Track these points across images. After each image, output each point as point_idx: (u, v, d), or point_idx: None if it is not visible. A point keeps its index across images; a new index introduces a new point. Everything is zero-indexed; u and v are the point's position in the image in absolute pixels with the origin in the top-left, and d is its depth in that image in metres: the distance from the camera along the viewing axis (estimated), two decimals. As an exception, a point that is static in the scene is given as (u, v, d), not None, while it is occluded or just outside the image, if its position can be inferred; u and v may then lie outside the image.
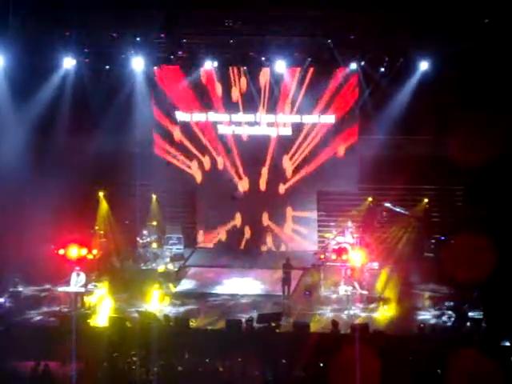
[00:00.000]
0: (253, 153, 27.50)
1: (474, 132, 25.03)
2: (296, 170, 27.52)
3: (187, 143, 27.74)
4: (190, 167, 27.91)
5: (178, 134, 27.70)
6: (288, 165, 27.53)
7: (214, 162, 27.77)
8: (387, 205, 26.28)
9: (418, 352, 18.80)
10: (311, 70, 26.42)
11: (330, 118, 26.98)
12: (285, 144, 27.46)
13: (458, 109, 24.85)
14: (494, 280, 21.78)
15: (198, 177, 27.97)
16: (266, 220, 27.87)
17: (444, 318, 21.42)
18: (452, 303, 21.82)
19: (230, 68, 26.81)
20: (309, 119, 27.13)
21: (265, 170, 27.61)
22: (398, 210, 26.17)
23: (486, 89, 24.23)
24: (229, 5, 24.35)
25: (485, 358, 17.45)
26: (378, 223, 26.39)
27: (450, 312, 21.51)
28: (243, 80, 27.01)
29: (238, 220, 27.87)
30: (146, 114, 27.22)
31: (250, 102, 27.21)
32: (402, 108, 25.21)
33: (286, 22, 24.30)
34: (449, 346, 18.77)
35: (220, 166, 27.72)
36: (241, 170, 27.72)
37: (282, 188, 27.71)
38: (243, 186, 27.76)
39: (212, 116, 27.52)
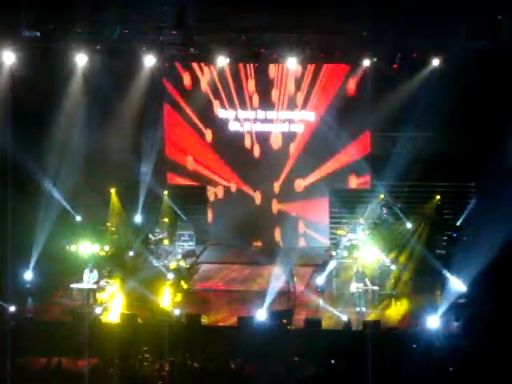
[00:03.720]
0: (264, 148, 27.53)
1: (486, 129, 25.04)
2: (309, 168, 27.50)
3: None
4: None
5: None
6: (301, 161, 27.53)
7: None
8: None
9: (430, 349, 18.82)
10: (323, 66, 26.44)
11: (341, 114, 26.94)
12: (296, 141, 27.45)
13: (471, 106, 24.80)
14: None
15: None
16: (277, 214, 27.90)
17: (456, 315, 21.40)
18: (464, 301, 21.81)
19: (242, 64, 26.83)
20: (321, 115, 27.09)
21: (277, 168, 27.65)
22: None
23: (499, 86, 24.16)
24: (240, 1, 24.32)
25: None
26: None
27: (460, 309, 21.49)
28: (254, 77, 27.02)
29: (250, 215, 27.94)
30: (156, 110, 27.32)
31: (261, 98, 27.23)
32: (415, 105, 25.15)
33: (297, 19, 24.24)
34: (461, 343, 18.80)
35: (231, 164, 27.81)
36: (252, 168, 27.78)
37: (295, 185, 27.71)
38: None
39: (222, 113, 27.55)
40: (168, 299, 23.17)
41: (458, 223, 26.21)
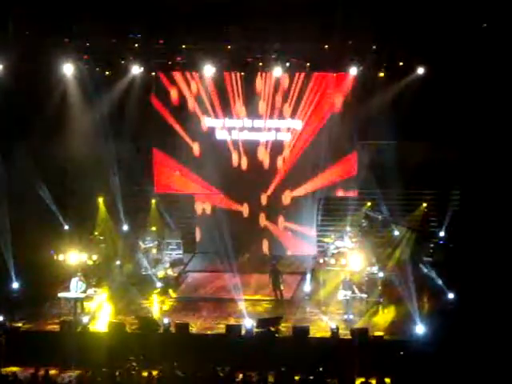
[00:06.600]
0: (251, 158, 27.60)
1: (472, 137, 25.21)
2: (296, 176, 27.57)
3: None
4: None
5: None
6: (287, 170, 27.61)
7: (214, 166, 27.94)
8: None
9: (417, 356, 18.90)
10: (309, 75, 26.55)
11: (328, 123, 27.03)
12: (284, 149, 27.52)
13: (456, 113, 24.95)
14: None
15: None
16: (264, 223, 27.95)
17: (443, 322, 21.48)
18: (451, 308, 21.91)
19: (228, 74, 26.91)
20: (308, 124, 27.17)
21: (264, 175, 27.72)
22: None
23: (484, 93, 24.33)
24: (227, 11, 24.41)
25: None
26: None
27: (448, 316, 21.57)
28: (241, 86, 27.11)
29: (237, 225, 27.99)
30: (144, 118, 27.41)
31: (248, 107, 27.30)
32: (401, 113, 25.28)
33: (284, 28, 24.35)
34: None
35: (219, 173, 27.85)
36: (240, 176, 27.84)
37: (282, 193, 27.77)
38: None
39: (209, 121, 27.61)
40: (156, 308, 23.17)
41: (443, 230, 26.30)
